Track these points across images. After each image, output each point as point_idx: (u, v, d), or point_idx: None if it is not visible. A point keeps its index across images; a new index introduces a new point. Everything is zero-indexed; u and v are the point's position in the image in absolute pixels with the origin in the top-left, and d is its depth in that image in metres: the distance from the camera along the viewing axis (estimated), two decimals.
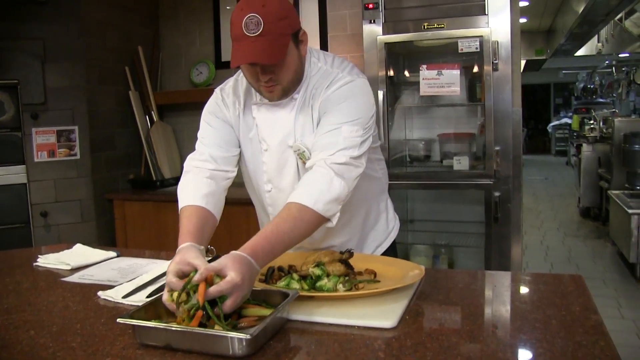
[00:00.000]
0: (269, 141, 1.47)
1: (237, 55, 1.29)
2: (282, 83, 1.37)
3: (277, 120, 1.45)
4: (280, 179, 1.50)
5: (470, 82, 3.06)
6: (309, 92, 1.44)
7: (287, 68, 1.35)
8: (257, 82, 1.37)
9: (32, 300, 1.39)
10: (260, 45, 1.25)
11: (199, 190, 1.43)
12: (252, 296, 1.18)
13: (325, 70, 1.45)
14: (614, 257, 5.06)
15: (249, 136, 1.51)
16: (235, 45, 1.29)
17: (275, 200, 1.53)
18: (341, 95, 1.39)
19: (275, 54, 1.28)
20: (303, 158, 1.43)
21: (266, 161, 1.50)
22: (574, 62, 11.66)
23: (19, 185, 3.38)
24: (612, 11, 5.78)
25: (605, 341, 1.00)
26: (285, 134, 1.45)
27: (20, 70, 3.33)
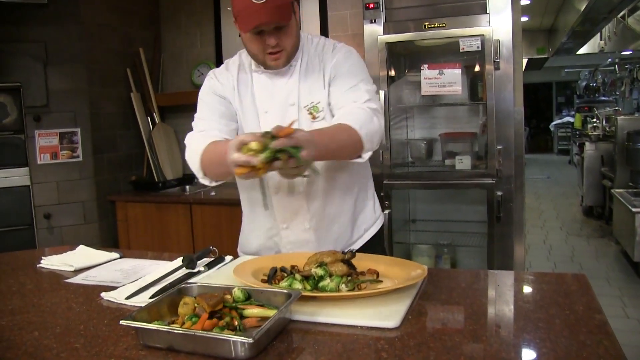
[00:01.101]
0: (269, 104, 1.58)
1: (248, 21, 1.41)
2: (286, 49, 1.50)
3: (277, 86, 1.58)
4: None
5: (472, 81, 3.05)
6: (313, 58, 1.59)
7: (291, 34, 1.49)
8: (262, 51, 1.49)
9: (36, 302, 1.40)
10: (270, 8, 1.39)
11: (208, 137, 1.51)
12: (254, 297, 1.18)
13: (322, 40, 1.63)
14: (618, 256, 5.04)
15: (247, 103, 1.60)
16: (244, 13, 1.41)
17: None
18: (348, 58, 1.58)
19: (285, 15, 1.43)
20: (315, 111, 1.56)
21: (266, 123, 1.56)
22: (576, 61, 11.64)
23: (22, 187, 3.39)
24: (615, 8, 5.76)
25: (609, 341, 0.99)
26: (286, 95, 1.57)
27: (22, 73, 3.34)
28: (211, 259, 1.66)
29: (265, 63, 1.53)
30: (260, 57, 1.51)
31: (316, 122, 1.56)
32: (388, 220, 2.86)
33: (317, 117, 1.56)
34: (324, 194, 1.63)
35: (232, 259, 1.69)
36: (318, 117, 1.57)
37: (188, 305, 1.13)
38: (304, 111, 1.57)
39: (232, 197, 3.40)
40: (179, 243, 3.53)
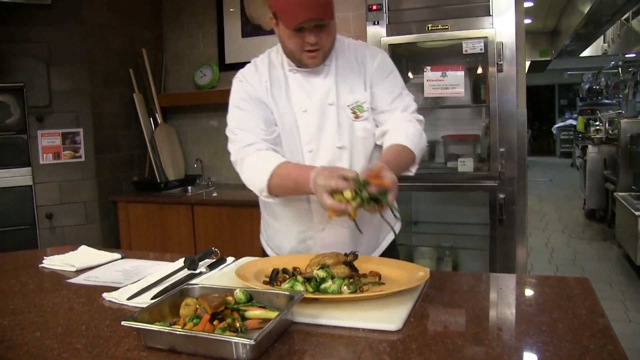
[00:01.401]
0: (307, 103, 1.57)
1: (295, 16, 1.41)
2: (324, 47, 1.50)
3: (313, 84, 1.58)
4: (321, 138, 1.57)
5: (475, 83, 3.05)
6: (349, 58, 1.60)
7: (330, 32, 1.50)
8: (300, 48, 1.49)
9: (38, 302, 1.40)
10: (315, 4, 1.39)
11: (273, 155, 1.50)
12: (256, 298, 1.18)
13: (351, 41, 1.65)
14: (620, 259, 5.02)
15: (282, 103, 1.58)
16: (288, 8, 1.41)
17: (315, 160, 1.57)
18: (388, 63, 1.63)
19: (329, 11, 1.44)
20: (360, 110, 1.57)
21: (305, 122, 1.57)
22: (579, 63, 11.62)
23: (24, 187, 3.40)
24: (619, 11, 5.75)
25: (613, 345, 0.99)
26: (324, 94, 1.57)
27: (25, 74, 3.35)
28: (213, 260, 1.66)
29: (302, 61, 1.52)
30: (297, 54, 1.51)
31: (358, 121, 1.58)
32: None
33: (361, 116, 1.58)
34: None
35: (233, 260, 1.68)
36: (362, 116, 1.58)
37: (190, 306, 1.12)
38: (345, 110, 1.57)
39: (234, 198, 3.40)
40: (180, 244, 3.53)
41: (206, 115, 4.11)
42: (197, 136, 4.18)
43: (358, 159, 1.60)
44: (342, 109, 1.57)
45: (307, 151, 1.58)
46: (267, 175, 1.44)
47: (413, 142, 1.51)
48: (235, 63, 3.97)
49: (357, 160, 1.59)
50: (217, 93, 3.90)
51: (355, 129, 1.58)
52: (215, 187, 3.95)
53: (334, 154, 1.57)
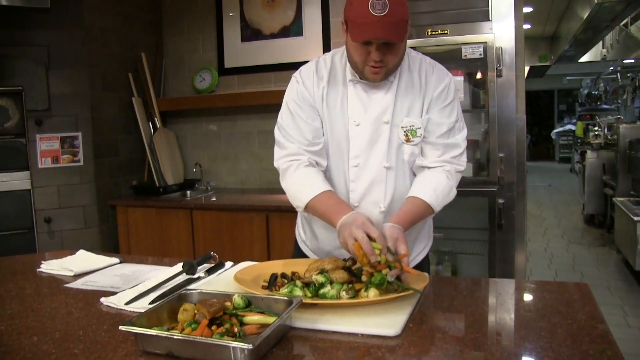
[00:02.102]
0: (362, 117, 1.54)
1: (363, 31, 1.37)
2: (388, 65, 1.46)
3: (373, 99, 1.54)
4: (369, 154, 1.55)
5: (474, 88, 3.05)
6: (414, 76, 1.56)
7: (397, 52, 1.46)
8: (364, 61, 1.45)
9: (35, 306, 1.39)
10: (387, 24, 1.35)
11: (317, 178, 1.51)
12: (254, 304, 1.17)
13: (420, 57, 1.61)
14: (619, 264, 5.02)
15: (335, 112, 1.56)
16: (359, 21, 1.37)
17: (359, 176, 1.57)
18: (450, 89, 1.58)
19: (400, 33, 1.40)
20: (413, 135, 1.55)
21: (356, 136, 1.55)
22: (578, 68, 11.65)
23: (23, 191, 3.39)
24: (618, 16, 5.76)
25: (612, 350, 0.99)
26: (381, 111, 1.54)
27: (24, 77, 3.35)
28: (211, 265, 1.66)
29: (363, 74, 1.49)
30: (359, 66, 1.47)
31: (408, 144, 1.55)
32: None
33: (412, 141, 1.55)
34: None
35: (232, 264, 1.68)
36: (413, 141, 1.55)
37: (188, 311, 1.12)
38: (398, 130, 1.54)
39: (233, 203, 3.40)
40: (179, 248, 3.52)
41: (205, 120, 4.11)
42: (197, 140, 4.18)
43: (402, 180, 1.58)
44: (395, 128, 1.54)
45: (352, 165, 1.56)
46: (306, 200, 1.48)
47: (438, 199, 1.51)
48: (234, 67, 3.98)
49: (400, 182, 1.58)
50: (217, 97, 3.90)
51: (404, 151, 1.56)
52: (214, 191, 3.95)
53: (380, 173, 1.55)
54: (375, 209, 1.57)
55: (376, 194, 1.56)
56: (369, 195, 1.57)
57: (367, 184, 1.56)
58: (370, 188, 1.56)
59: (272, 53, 3.81)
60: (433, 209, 1.51)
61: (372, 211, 1.56)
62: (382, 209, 1.56)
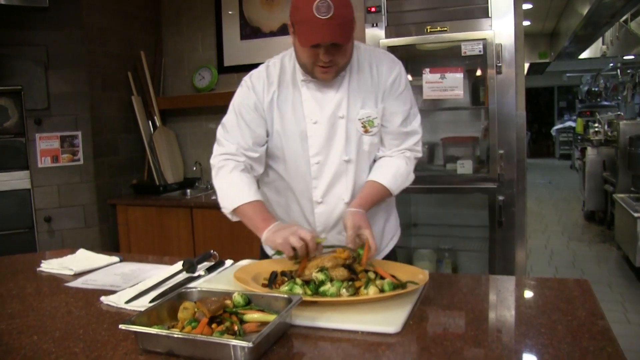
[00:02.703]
0: (318, 115, 1.56)
1: (310, 35, 1.39)
2: (338, 65, 1.48)
3: (327, 96, 1.56)
4: (329, 150, 1.57)
5: (474, 85, 3.05)
6: (364, 69, 1.58)
7: (346, 52, 1.47)
8: (313, 63, 1.47)
9: (36, 306, 1.39)
10: (333, 27, 1.36)
11: (248, 186, 1.53)
12: (254, 302, 1.17)
13: (369, 49, 1.63)
14: (620, 261, 5.02)
15: (288, 114, 1.58)
16: (305, 26, 1.39)
17: (321, 172, 1.59)
18: (402, 78, 1.61)
19: (347, 35, 1.41)
20: (370, 125, 1.57)
21: (314, 134, 1.56)
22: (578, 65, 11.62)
23: (23, 190, 3.39)
24: (618, 13, 5.75)
25: (612, 347, 0.99)
26: (335, 107, 1.56)
27: (23, 77, 3.35)
28: (211, 263, 1.66)
29: (313, 74, 1.51)
30: (309, 67, 1.49)
31: (367, 135, 1.58)
32: None
33: (370, 131, 1.57)
34: None
35: (232, 263, 1.68)
36: (371, 131, 1.58)
37: (188, 310, 1.12)
38: (355, 123, 1.57)
39: None
40: (179, 247, 3.52)
41: (205, 118, 4.11)
42: (196, 139, 4.18)
43: (362, 171, 1.60)
44: (352, 122, 1.56)
45: (314, 162, 1.58)
46: (235, 205, 1.52)
47: (397, 183, 1.57)
48: (234, 65, 3.97)
49: (361, 173, 1.60)
50: (216, 96, 3.90)
51: (363, 143, 1.58)
52: (214, 190, 3.95)
53: (340, 166, 1.57)
54: (339, 202, 1.59)
55: (339, 188, 1.59)
56: (332, 190, 1.59)
57: (329, 179, 1.58)
58: (333, 183, 1.59)
59: (272, 51, 3.74)
60: (391, 192, 1.57)
61: (336, 205, 1.60)
62: (346, 201, 1.59)
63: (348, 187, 1.58)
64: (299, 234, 1.35)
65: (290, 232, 1.36)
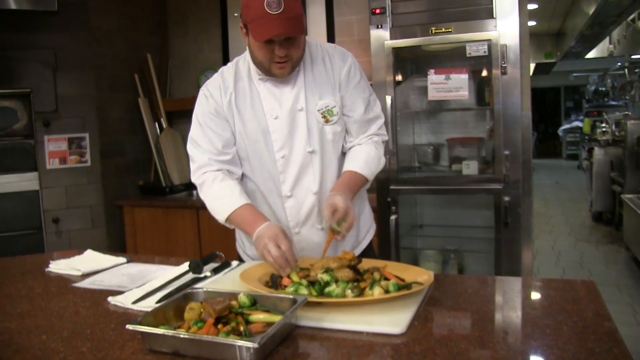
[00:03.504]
0: (278, 110, 1.59)
1: (264, 30, 1.42)
2: (293, 59, 1.52)
3: (283, 92, 1.60)
4: (293, 143, 1.60)
5: (479, 86, 3.04)
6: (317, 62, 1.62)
7: (299, 45, 1.51)
8: (269, 60, 1.50)
9: (44, 306, 1.41)
10: (285, 20, 1.40)
11: (233, 192, 1.56)
12: (260, 302, 1.18)
13: (318, 43, 1.67)
14: (628, 262, 4.99)
15: (247, 113, 1.61)
16: (257, 22, 1.42)
17: (287, 166, 1.61)
18: (357, 72, 1.66)
19: (299, 27, 1.45)
20: (330, 114, 1.61)
21: (276, 129, 1.59)
22: (585, 65, 11.56)
23: (31, 192, 3.42)
24: (625, 12, 5.72)
25: (619, 349, 0.98)
26: (294, 101, 1.59)
27: (32, 79, 3.38)
28: (218, 264, 1.67)
29: (270, 71, 1.54)
30: (265, 65, 1.52)
31: (328, 125, 1.61)
32: (395, 226, 2.85)
33: (331, 120, 1.61)
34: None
35: (238, 264, 1.69)
36: (332, 120, 1.61)
37: (194, 310, 1.13)
38: (315, 115, 1.60)
39: None
40: (186, 248, 3.54)
41: None
42: None
43: (329, 161, 1.63)
44: (311, 114, 1.60)
45: (279, 157, 1.60)
46: (225, 215, 1.55)
47: (370, 169, 1.62)
48: None
49: (327, 163, 1.63)
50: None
51: (326, 133, 1.62)
52: None
53: (305, 158, 1.60)
54: (308, 194, 1.62)
55: (306, 180, 1.62)
56: (299, 183, 1.62)
57: (296, 172, 1.61)
58: (300, 175, 1.61)
59: None
60: (367, 178, 1.62)
61: (305, 197, 1.62)
62: (314, 191, 1.62)
63: (315, 178, 1.62)
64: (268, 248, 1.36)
65: (270, 239, 1.37)
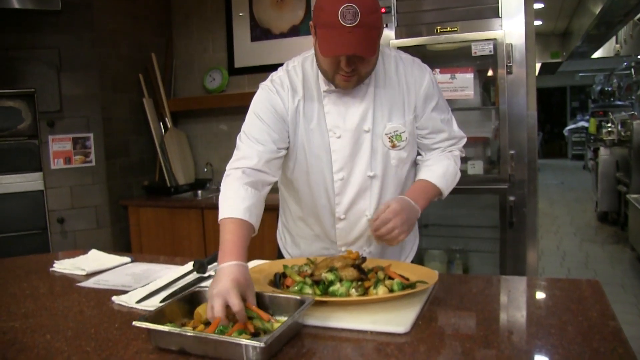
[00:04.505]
0: (342, 128, 1.47)
1: (332, 45, 1.30)
2: (360, 74, 1.40)
3: (350, 107, 1.47)
4: (353, 166, 1.50)
5: (484, 85, 3.03)
6: (392, 78, 1.49)
7: (370, 62, 1.39)
8: (334, 71, 1.38)
9: (49, 305, 1.41)
10: (357, 37, 1.27)
11: (242, 201, 1.34)
12: (266, 302, 1.18)
13: (396, 55, 1.54)
14: (633, 262, 4.96)
15: (311, 127, 1.49)
16: (327, 32, 1.30)
17: (344, 189, 1.52)
18: (435, 90, 1.55)
19: (371, 47, 1.31)
20: (398, 140, 1.49)
21: (337, 149, 1.48)
22: (591, 65, 11.52)
23: (36, 192, 3.43)
24: (631, 11, 5.69)
25: (624, 348, 0.98)
26: (360, 120, 1.47)
27: (36, 80, 3.39)
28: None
29: (334, 81, 1.42)
30: (329, 75, 1.41)
31: (394, 150, 1.50)
32: None
33: (398, 146, 1.50)
34: None
35: None
36: (399, 146, 1.50)
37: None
38: (382, 138, 1.49)
39: None
40: (191, 248, 3.54)
41: (216, 119, 4.13)
42: (207, 140, 4.20)
43: (388, 187, 1.53)
44: (378, 136, 1.48)
45: (337, 179, 1.50)
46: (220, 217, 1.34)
47: (447, 183, 1.53)
48: (244, 67, 3.99)
49: (387, 189, 1.53)
50: (227, 97, 3.92)
51: (390, 158, 1.51)
52: None
53: (365, 182, 1.50)
54: (361, 218, 1.54)
55: (362, 204, 1.53)
56: (355, 206, 1.53)
57: (352, 196, 1.51)
58: (356, 199, 1.52)
59: (282, 52, 3.81)
60: (442, 192, 1.54)
61: (358, 220, 1.54)
62: (369, 217, 1.52)
63: (372, 203, 1.52)
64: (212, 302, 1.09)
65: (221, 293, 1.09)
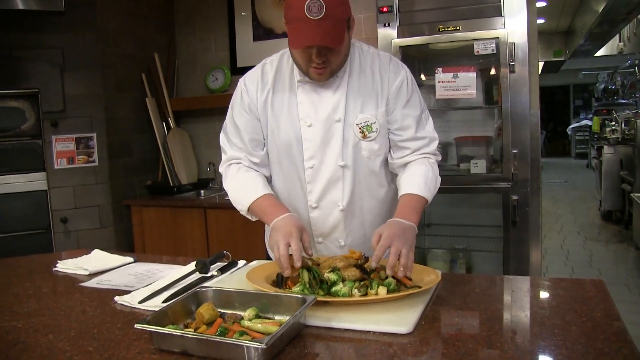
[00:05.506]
0: (313, 117, 1.52)
1: (299, 37, 1.35)
2: (332, 66, 1.44)
3: (323, 98, 1.52)
4: (324, 154, 1.54)
5: (487, 84, 3.02)
6: (365, 71, 1.53)
7: (340, 52, 1.43)
8: (307, 63, 1.43)
9: (51, 305, 1.41)
10: (323, 28, 1.31)
11: (255, 183, 1.52)
12: (268, 301, 1.18)
13: (373, 51, 1.57)
14: (638, 261, 4.95)
15: (283, 115, 1.54)
16: (295, 26, 1.34)
17: (315, 177, 1.56)
18: (409, 88, 1.56)
19: (338, 37, 1.36)
20: (369, 130, 1.52)
21: (309, 137, 1.53)
22: (594, 63, 11.48)
23: (39, 192, 3.44)
24: (635, 9, 5.67)
25: (628, 349, 0.97)
26: (332, 110, 1.51)
27: (40, 79, 3.40)
28: (224, 264, 1.66)
29: (308, 74, 1.47)
30: (303, 68, 1.46)
31: (365, 141, 1.53)
32: None
33: (369, 137, 1.52)
34: (361, 212, 1.61)
35: (245, 263, 1.69)
36: (369, 137, 1.52)
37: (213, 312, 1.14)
38: (353, 128, 1.52)
39: None
40: (193, 247, 3.54)
41: (218, 119, 4.13)
42: (210, 140, 4.20)
43: (361, 178, 1.56)
44: (349, 126, 1.52)
45: (307, 167, 1.55)
46: (247, 204, 1.50)
47: (430, 190, 1.51)
48: (247, 66, 3.97)
49: (359, 181, 1.56)
50: (230, 96, 3.85)
51: (361, 148, 1.54)
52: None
53: (336, 172, 1.54)
54: (334, 208, 1.57)
55: (334, 194, 1.56)
56: (327, 196, 1.56)
57: (324, 184, 1.55)
58: (328, 188, 1.55)
59: None
60: (427, 200, 1.52)
61: (331, 211, 1.57)
62: (341, 208, 1.56)
63: (345, 193, 1.55)
64: (278, 244, 1.30)
65: (283, 236, 1.31)
